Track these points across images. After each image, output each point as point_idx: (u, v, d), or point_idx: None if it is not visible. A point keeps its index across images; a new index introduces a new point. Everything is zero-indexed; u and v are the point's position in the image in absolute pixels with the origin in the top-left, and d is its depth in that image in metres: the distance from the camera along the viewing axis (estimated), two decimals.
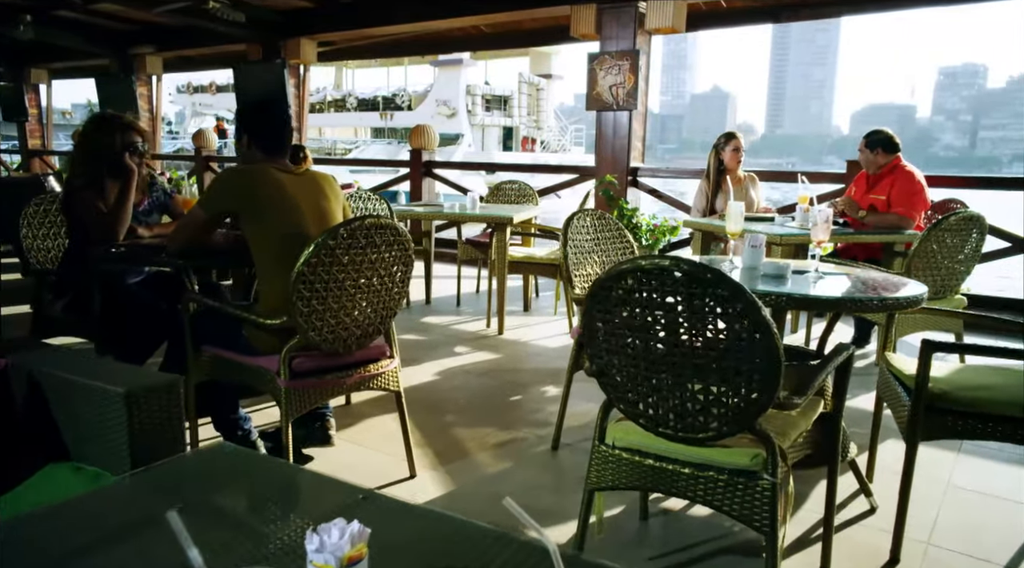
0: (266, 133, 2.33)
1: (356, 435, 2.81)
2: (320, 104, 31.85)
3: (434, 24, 7.78)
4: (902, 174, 3.98)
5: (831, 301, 1.91)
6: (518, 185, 5.62)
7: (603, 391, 1.70)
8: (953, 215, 3.18)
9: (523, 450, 2.73)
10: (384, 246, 2.17)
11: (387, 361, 2.39)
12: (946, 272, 3.30)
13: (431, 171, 7.80)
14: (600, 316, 1.60)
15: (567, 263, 2.65)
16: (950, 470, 2.58)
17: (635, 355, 1.59)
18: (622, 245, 2.90)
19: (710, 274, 1.42)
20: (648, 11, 6.08)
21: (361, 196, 3.63)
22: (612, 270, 1.53)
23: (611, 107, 6.27)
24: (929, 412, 1.96)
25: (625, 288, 1.53)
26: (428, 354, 3.96)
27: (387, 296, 2.27)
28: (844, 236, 3.85)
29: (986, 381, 2.07)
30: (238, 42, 8.80)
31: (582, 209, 2.83)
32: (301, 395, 2.14)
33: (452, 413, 3.11)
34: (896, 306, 1.94)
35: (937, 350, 1.91)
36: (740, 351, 1.46)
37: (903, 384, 2.14)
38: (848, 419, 3.06)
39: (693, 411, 1.56)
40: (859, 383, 3.58)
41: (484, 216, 4.34)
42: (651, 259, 1.47)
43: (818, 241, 2.23)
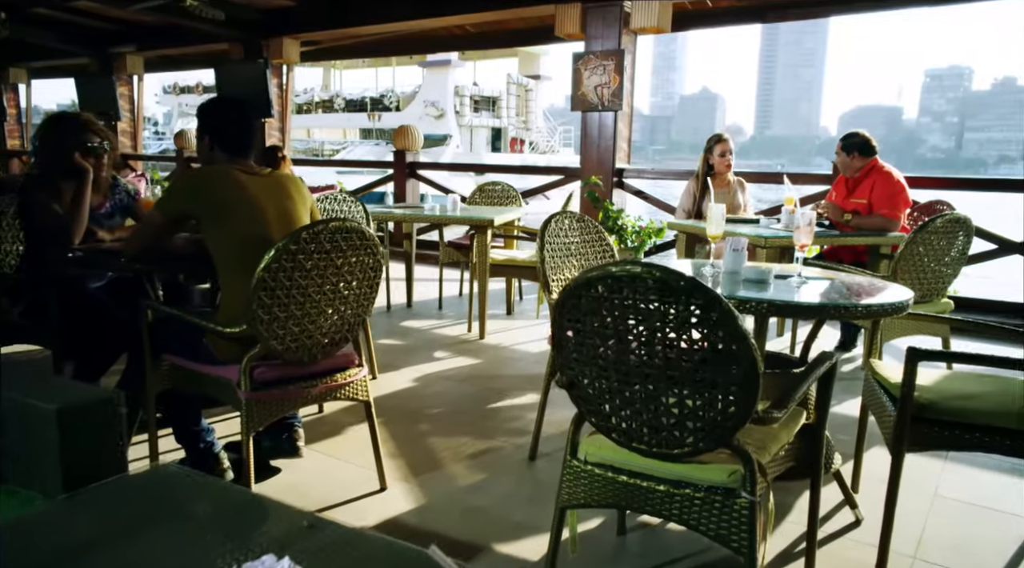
0: (228, 133, 2.23)
1: (327, 445, 2.71)
2: (308, 105, 31.65)
3: (419, 23, 7.68)
4: (881, 175, 3.93)
5: (814, 308, 1.84)
6: (501, 186, 5.53)
7: (574, 404, 1.61)
8: (939, 217, 3.13)
9: (499, 460, 2.64)
10: (351, 251, 2.08)
11: (355, 370, 2.30)
12: (932, 275, 3.25)
13: (415, 172, 7.71)
14: (570, 325, 1.52)
15: (544, 267, 2.57)
16: (937, 480, 2.51)
17: (607, 366, 1.50)
18: (602, 248, 2.82)
19: (684, 281, 1.34)
20: (633, 10, 6.02)
21: (336, 198, 3.53)
22: (581, 277, 1.45)
23: (596, 107, 6.20)
24: (915, 422, 1.89)
25: (595, 296, 1.45)
26: (406, 359, 3.87)
27: (355, 303, 2.18)
28: (829, 239, 3.79)
29: (974, 389, 2.00)
30: (220, 41, 8.68)
31: (560, 212, 2.75)
32: (263, 407, 2.05)
33: (428, 421, 3.02)
34: (881, 313, 1.87)
35: (923, 359, 1.84)
36: (716, 363, 1.38)
37: (888, 393, 2.07)
38: (833, 426, 3.00)
39: (668, 425, 1.48)
40: (845, 388, 3.52)
41: (464, 218, 4.25)
42: (622, 265, 1.39)
43: (801, 245, 2.15)
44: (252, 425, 2.02)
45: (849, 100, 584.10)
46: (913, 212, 4.41)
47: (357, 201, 3.48)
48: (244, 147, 2.25)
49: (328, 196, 3.55)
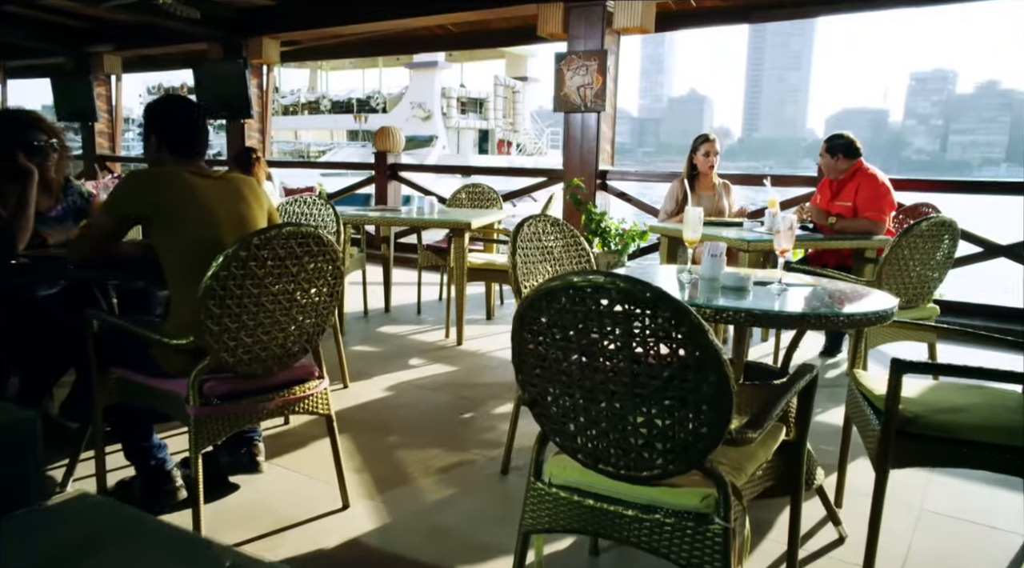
0: (175, 133, 2.11)
1: (291, 460, 2.59)
2: (294, 106, 31.42)
3: (400, 23, 7.57)
4: (865, 178, 3.85)
5: (793, 318, 1.74)
6: (482, 188, 5.43)
7: (537, 422, 1.51)
8: (925, 220, 3.05)
9: (470, 474, 2.53)
10: (307, 257, 1.97)
11: (315, 382, 2.18)
12: (918, 279, 3.17)
13: (397, 174, 7.59)
14: (531, 338, 1.41)
15: (515, 272, 2.46)
16: (922, 492, 2.42)
17: (570, 383, 1.40)
18: (578, 253, 2.72)
19: (649, 292, 1.23)
20: (616, 10, 5.93)
21: (307, 201, 3.41)
22: (542, 287, 1.35)
23: (579, 108, 6.11)
24: (900, 437, 1.80)
25: (556, 308, 1.34)
26: (380, 367, 3.75)
27: (313, 312, 2.07)
28: (814, 242, 3.70)
29: (961, 401, 1.91)
30: (198, 41, 8.52)
31: (535, 215, 2.64)
32: (213, 423, 1.93)
33: (398, 433, 2.90)
34: (864, 322, 1.78)
35: (908, 371, 1.75)
36: (685, 380, 1.28)
37: (872, 405, 1.97)
38: (817, 436, 2.91)
39: (636, 446, 1.38)
40: (830, 396, 3.44)
41: (440, 221, 4.14)
42: (584, 275, 1.28)
43: (782, 250, 2.06)
44: (201, 442, 1.90)
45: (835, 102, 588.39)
46: (898, 215, 4.34)
47: (328, 204, 3.36)
48: (194, 148, 2.13)
49: (298, 199, 3.44)
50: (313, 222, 3.36)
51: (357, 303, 5.06)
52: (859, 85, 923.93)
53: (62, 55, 9.93)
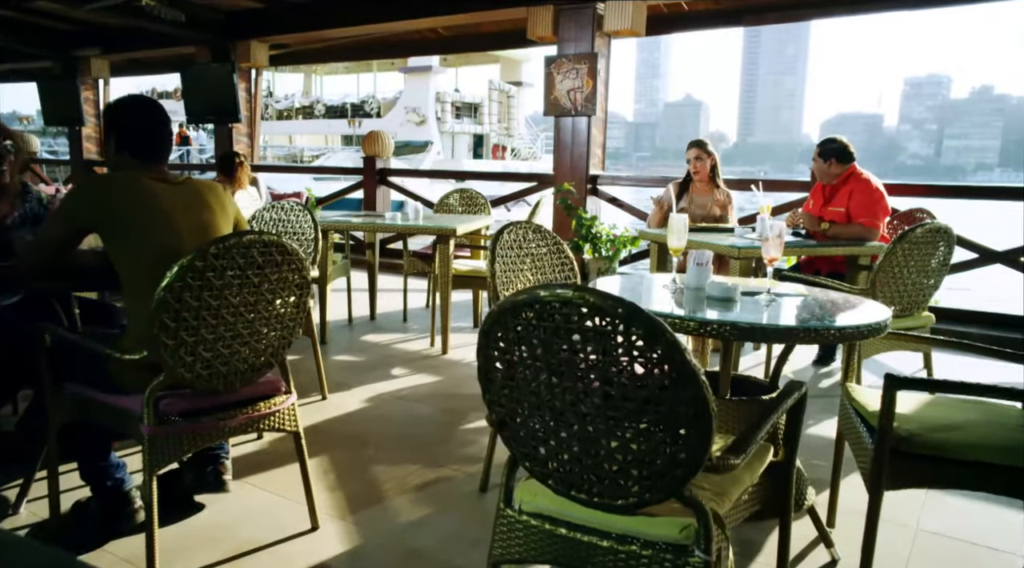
0: (135, 135, 2.00)
1: (261, 478, 2.48)
2: (288, 111, 31.31)
3: (389, 26, 7.48)
4: (859, 183, 3.77)
5: (781, 332, 1.65)
6: (470, 194, 5.33)
7: (506, 446, 1.41)
8: (919, 227, 2.96)
9: (448, 492, 2.43)
10: (270, 267, 1.86)
11: (282, 397, 2.07)
12: (913, 287, 3.08)
13: (385, 179, 7.49)
14: (497, 356, 1.32)
15: (495, 281, 2.36)
16: (919, 511, 2.33)
17: (539, 404, 1.30)
18: (560, 261, 2.62)
19: (621, 308, 1.14)
20: (607, 12, 5.85)
21: (284, 206, 3.31)
22: (507, 301, 1.25)
23: (569, 112, 6.02)
24: (895, 457, 1.70)
25: (523, 323, 1.24)
26: (361, 378, 3.64)
27: (278, 324, 1.97)
28: (806, 249, 3.61)
29: (958, 418, 1.82)
30: (186, 44, 8.42)
31: (516, 221, 2.55)
32: (169, 443, 1.82)
33: (375, 448, 2.80)
34: (856, 336, 1.68)
35: (902, 387, 1.65)
36: (661, 403, 1.18)
37: (866, 422, 1.88)
38: (809, 450, 2.82)
39: (610, 472, 1.28)
40: (823, 407, 3.34)
41: (424, 227, 4.04)
42: (551, 289, 1.18)
43: (770, 259, 1.96)
44: (156, 463, 1.79)
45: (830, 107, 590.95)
46: (893, 221, 4.26)
47: (305, 210, 3.26)
48: (155, 150, 2.02)
49: (276, 205, 3.33)
50: (291, 228, 3.26)
51: (341, 311, 4.96)
52: (854, 90, 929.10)
53: (49, 59, 9.81)
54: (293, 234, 3.25)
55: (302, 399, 3.30)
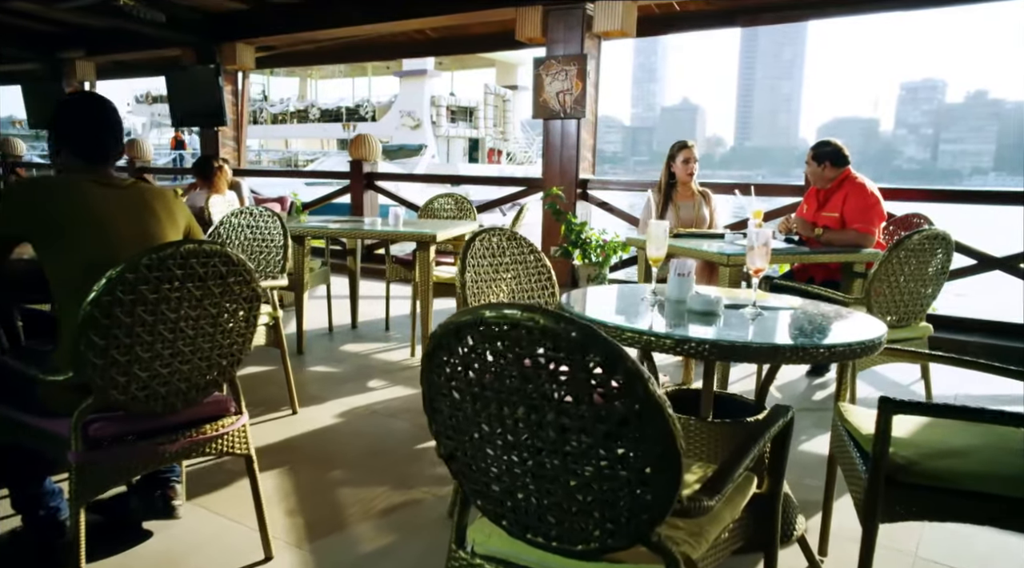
0: (78, 135, 1.86)
1: (216, 501, 2.33)
2: (283, 115, 31.17)
3: (377, 28, 7.35)
4: (853, 187, 3.63)
5: (766, 350, 1.50)
6: (456, 199, 5.19)
7: (455, 481, 1.26)
8: (916, 233, 2.82)
9: (415, 518, 2.27)
10: (213, 279, 1.72)
11: (230, 419, 1.92)
12: (910, 297, 2.94)
13: (373, 183, 7.35)
14: (442, 383, 1.17)
15: (464, 292, 2.22)
16: (917, 539, 2.18)
17: (490, 437, 1.15)
18: (537, 270, 2.48)
19: (576, 332, 0.99)
20: (596, 13, 5.72)
21: (253, 212, 3.17)
22: (449, 322, 1.10)
23: (558, 115, 5.89)
24: (890, 486, 1.56)
25: (469, 347, 1.10)
26: (336, 390, 3.49)
27: (224, 340, 1.82)
28: (799, 256, 3.47)
29: (960, 442, 1.67)
30: (171, 46, 8.27)
31: (489, 228, 2.40)
32: (100, 471, 1.67)
33: (343, 467, 2.65)
34: (848, 355, 1.54)
35: (898, 411, 1.51)
36: (623, 438, 1.04)
37: (859, 446, 1.73)
38: (800, 468, 2.67)
39: (569, 514, 1.13)
40: (816, 422, 3.20)
41: (402, 234, 3.89)
42: (498, 309, 1.04)
43: (755, 270, 1.82)
44: (84, 493, 1.64)
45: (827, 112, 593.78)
46: (888, 226, 4.13)
47: (274, 216, 3.11)
48: (99, 152, 1.87)
49: (244, 210, 3.18)
50: (260, 235, 3.11)
51: (322, 319, 4.81)
52: (850, 94, 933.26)
53: (34, 61, 9.66)
54: (263, 241, 3.11)
55: (271, 414, 3.15)
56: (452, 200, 5.19)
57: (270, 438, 2.90)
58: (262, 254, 3.10)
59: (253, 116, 31.62)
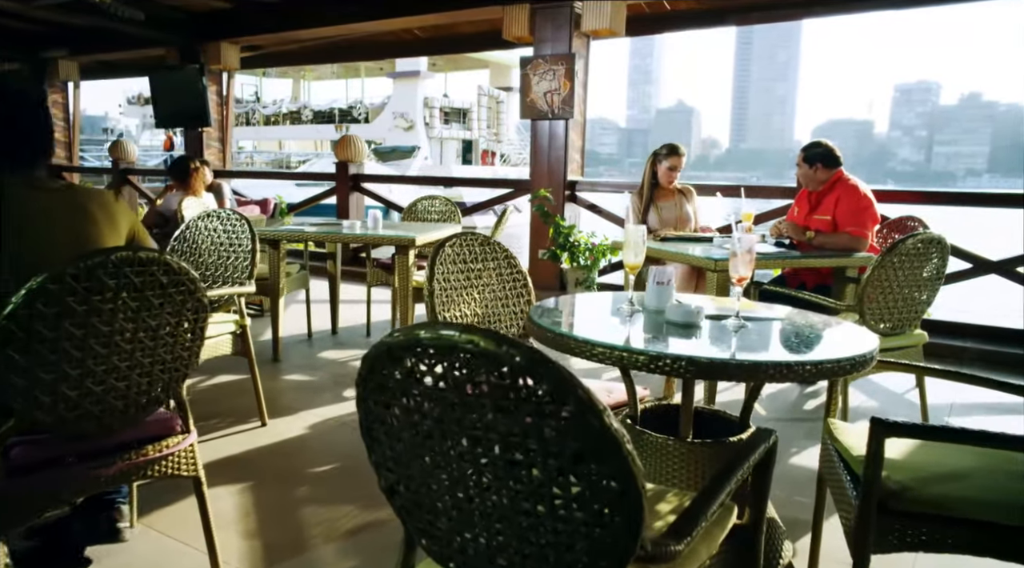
0: (4, 136, 1.72)
1: (167, 522, 2.19)
2: (276, 116, 31.02)
3: (363, 27, 7.22)
4: (846, 189, 3.51)
5: (747, 368, 1.37)
6: (440, 201, 5.06)
7: (399, 517, 1.13)
8: (911, 237, 2.70)
9: (380, 539, 2.14)
10: (152, 289, 1.58)
11: (176, 438, 1.79)
12: (904, 303, 2.82)
13: (359, 185, 7.22)
14: (378, 410, 1.04)
15: (432, 301, 2.09)
16: (912, 563, 2.06)
17: (433, 470, 1.02)
18: (512, 277, 2.35)
19: (519, 356, 0.86)
20: (584, 12, 5.61)
21: (220, 215, 3.03)
22: (382, 343, 0.98)
23: (546, 115, 5.77)
24: (883, 515, 1.43)
25: (406, 371, 0.97)
26: (310, 400, 3.36)
27: (167, 354, 1.68)
28: (790, 260, 3.35)
29: (957, 465, 1.55)
30: (155, 46, 8.13)
31: (461, 232, 2.27)
32: (24, 500, 1.53)
33: (310, 484, 2.52)
34: (837, 372, 1.41)
35: (891, 434, 1.38)
36: (576, 476, 0.91)
37: (849, 468, 1.61)
38: (789, 483, 2.54)
39: (521, 557, 1.00)
40: (808, 433, 3.08)
41: (380, 237, 3.76)
42: (434, 329, 0.91)
43: (738, 279, 1.69)
44: (5, 524, 1.50)
45: (821, 114, 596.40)
46: (882, 229, 4.01)
47: (242, 219, 2.98)
48: (27, 153, 1.74)
49: (212, 213, 3.05)
50: (226, 239, 2.98)
51: (300, 325, 4.67)
52: (845, 97, 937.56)
53: (16, 60, 9.51)
54: (230, 245, 2.97)
55: (239, 426, 3.01)
56: (437, 202, 5.07)
57: (234, 451, 2.77)
58: (229, 259, 2.97)
59: (246, 117, 31.46)
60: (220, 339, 2.83)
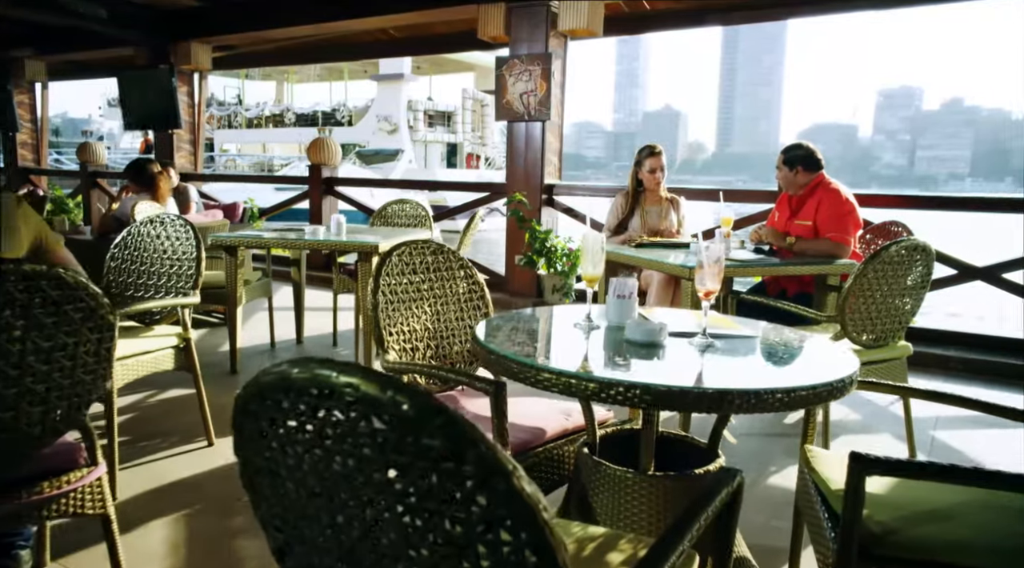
0: None
1: (85, 559, 2.00)
2: (258, 119, 30.71)
3: (337, 26, 7.04)
4: (827, 194, 3.37)
5: (711, 397, 1.21)
6: (410, 206, 4.88)
7: None
8: (894, 244, 2.56)
9: None
10: (43, 307, 1.40)
11: (79, 473, 1.60)
12: (887, 313, 2.68)
13: (332, 189, 7.02)
14: (258, 461, 0.86)
15: (376, 316, 1.91)
16: None
17: (324, 532, 0.85)
18: (469, 289, 2.18)
19: (408, 403, 0.69)
20: (561, 11, 5.46)
21: (164, 220, 2.84)
22: (252, 383, 0.80)
23: (522, 117, 5.62)
24: (864, 561, 1.27)
25: (280, 414, 0.79)
26: None
27: (65, 379, 1.50)
28: (768, 268, 3.20)
29: (947, 500, 1.39)
30: (122, 45, 7.90)
31: (411, 241, 2.10)
32: None
33: (247, 514, 2.32)
34: (810, 400, 1.25)
35: (872, 472, 1.22)
36: (487, 547, 0.73)
37: (827, 503, 1.45)
38: (769, 505, 2.38)
39: None
40: (788, 448, 2.93)
41: (341, 243, 3.58)
42: (308, 367, 0.73)
43: (706, 292, 1.53)
44: None
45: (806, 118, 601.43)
46: (865, 234, 3.88)
47: (187, 225, 2.79)
48: None
49: (155, 218, 2.85)
50: (169, 246, 2.78)
51: (263, 334, 4.47)
52: (829, 101, 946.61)
53: None
54: (174, 253, 2.78)
55: (183, 446, 2.82)
56: (407, 206, 4.89)
57: (176, 475, 2.57)
58: (173, 268, 2.77)
59: (228, 120, 31.13)
60: (161, 354, 2.63)
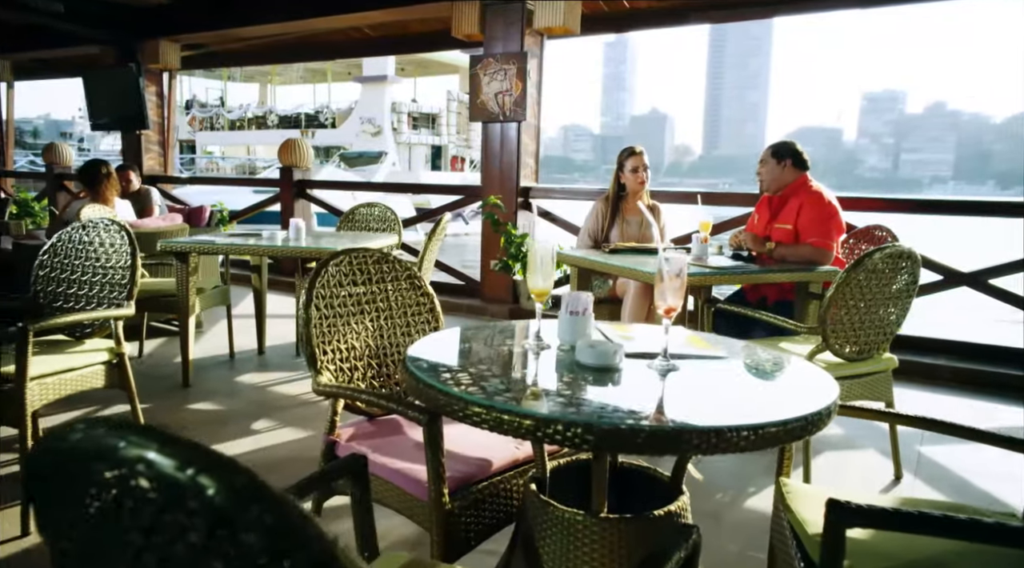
0: None
1: None
2: (241, 121, 30.37)
3: (309, 24, 6.83)
4: (809, 196, 3.22)
5: (667, 437, 1.03)
6: (378, 209, 4.68)
7: None
8: (878, 251, 2.40)
9: None
10: None
11: None
12: (871, 324, 2.52)
13: (304, 191, 6.81)
14: (63, 545, 0.67)
15: (309, 332, 1.72)
16: None
17: None
18: (415, 301, 1.99)
19: (212, 489, 0.50)
20: (537, 9, 5.30)
21: (97, 225, 2.63)
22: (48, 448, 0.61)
23: (497, 118, 5.44)
24: None
25: (73, 494, 0.60)
26: (213, 435, 2.96)
27: None
28: (747, 276, 3.04)
29: (936, 548, 1.22)
30: (88, 43, 7.66)
31: (351, 248, 1.91)
32: None
33: None
34: (781, 438, 1.07)
35: (852, 524, 1.05)
36: None
37: (803, 549, 1.27)
38: (744, 533, 2.21)
39: None
40: (768, 468, 2.76)
41: (295, 249, 3.38)
42: (91, 433, 0.55)
43: (667, 309, 1.35)
44: None
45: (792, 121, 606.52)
46: (849, 239, 3.72)
47: (122, 230, 2.58)
48: None
49: (86, 224, 2.64)
50: (101, 254, 2.58)
51: (222, 344, 4.26)
52: (815, 104, 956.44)
53: None
54: (107, 261, 2.57)
55: None
56: (376, 210, 4.69)
57: None
58: (106, 276, 2.57)
59: (210, 122, 30.77)
60: (89, 370, 2.43)
